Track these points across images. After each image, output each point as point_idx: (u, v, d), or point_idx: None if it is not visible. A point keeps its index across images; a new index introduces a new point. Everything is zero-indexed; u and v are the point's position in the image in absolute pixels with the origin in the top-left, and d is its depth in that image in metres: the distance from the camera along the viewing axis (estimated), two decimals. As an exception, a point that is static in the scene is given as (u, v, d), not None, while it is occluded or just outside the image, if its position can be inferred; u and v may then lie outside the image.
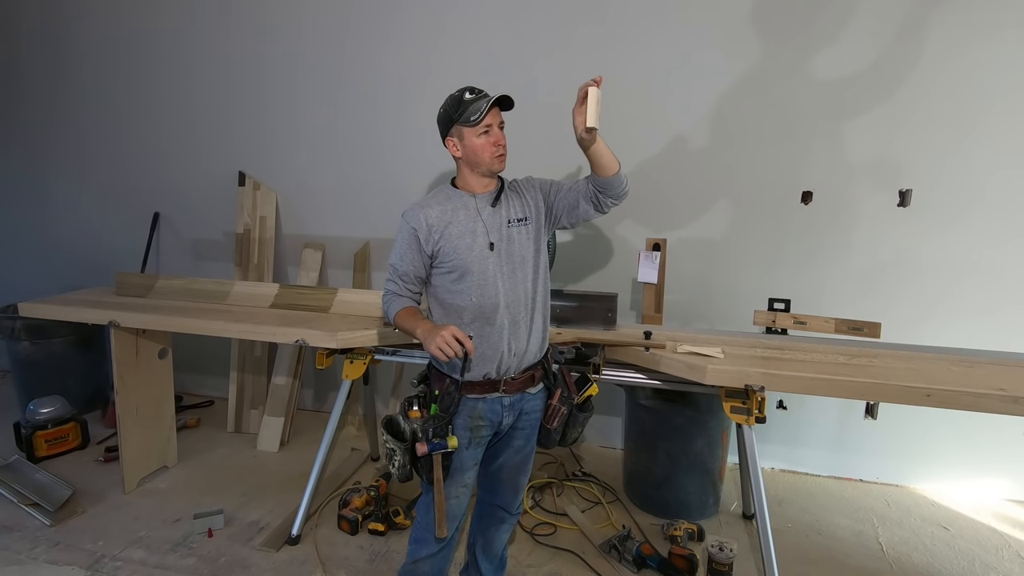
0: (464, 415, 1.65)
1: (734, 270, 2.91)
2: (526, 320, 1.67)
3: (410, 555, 1.79)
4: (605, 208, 1.71)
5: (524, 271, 1.67)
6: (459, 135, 1.62)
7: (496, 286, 1.62)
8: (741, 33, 2.71)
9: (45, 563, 2.25)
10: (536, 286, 1.69)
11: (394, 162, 3.22)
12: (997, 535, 2.51)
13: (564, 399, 1.74)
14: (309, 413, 3.69)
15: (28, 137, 3.91)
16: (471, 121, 1.57)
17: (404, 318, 1.65)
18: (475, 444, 1.68)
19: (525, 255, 1.67)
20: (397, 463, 1.61)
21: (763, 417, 1.90)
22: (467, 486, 1.72)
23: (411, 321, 1.62)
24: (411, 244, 1.65)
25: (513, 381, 1.67)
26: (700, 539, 2.40)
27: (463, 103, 1.59)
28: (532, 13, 2.91)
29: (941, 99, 2.56)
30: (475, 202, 1.66)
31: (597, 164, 1.62)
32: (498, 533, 1.90)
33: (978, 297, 2.66)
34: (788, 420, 2.97)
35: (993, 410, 1.72)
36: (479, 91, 1.61)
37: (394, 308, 1.68)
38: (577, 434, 1.82)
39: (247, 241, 3.46)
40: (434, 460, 1.57)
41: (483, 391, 1.65)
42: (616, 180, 1.64)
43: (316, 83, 3.29)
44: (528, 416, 1.75)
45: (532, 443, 1.80)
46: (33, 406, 3.05)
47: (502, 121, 1.65)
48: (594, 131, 1.52)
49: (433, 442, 1.55)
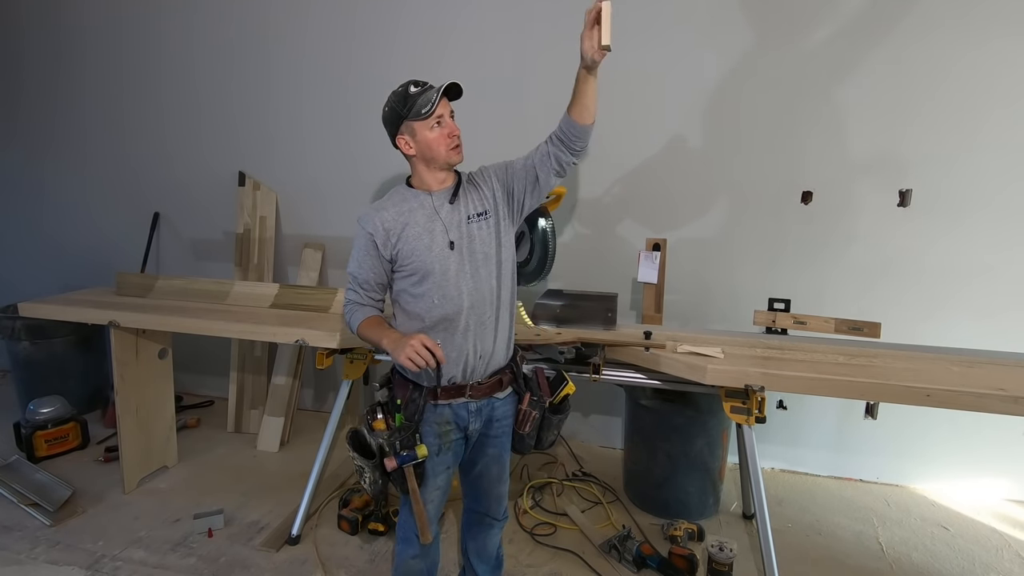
0: (431, 422, 1.61)
1: (734, 270, 2.91)
2: (492, 320, 1.61)
3: (399, 554, 1.78)
4: (566, 170, 1.61)
5: (488, 268, 1.59)
6: (410, 131, 1.55)
7: (459, 286, 1.56)
8: (741, 32, 2.71)
9: (45, 563, 2.25)
10: (501, 283, 1.62)
11: (394, 162, 3.20)
12: (997, 535, 2.51)
13: (535, 403, 1.69)
14: (309, 413, 3.69)
15: (28, 138, 3.91)
16: (422, 114, 1.51)
17: (368, 328, 1.58)
18: (445, 450, 1.63)
19: (488, 251, 1.59)
20: (368, 480, 1.57)
21: (763, 417, 1.90)
22: (440, 488, 1.68)
23: (376, 332, 1.56)
24: (369, 250, 1.59)
25: (479, 386, 1.62)
26: (700, 539, 2.39)
27: (410, 97, 1.53)
28: (533, 11, 2.91)
29: (941, 99, 2.56)
30: (432, 200, 1.59)
31: (582, 105, 1.51)
32: (488, 538, 1.88)
33: (978, 297, 2.65)
34: (788, 420, 2.97)
35: (993, 410, 1.72)
36: (423, 83, 1.55)
37: (357, 318, 1.61)
38: (553, 437, 1.77)
39: (247, 241, 3.46)
40: (407, 472, 1.53)
41: (448, 396, 1.60)
42: (589, 129, 1.55)
43: (316, 83, 3.29)
44: (499, 423, 1.70)
45: (506, 451, 1.75)
46: (33, 406, 3.05)
47: (452, 111, 1.59)
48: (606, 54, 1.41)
49: (402, 455, 1.52)
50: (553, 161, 1.59)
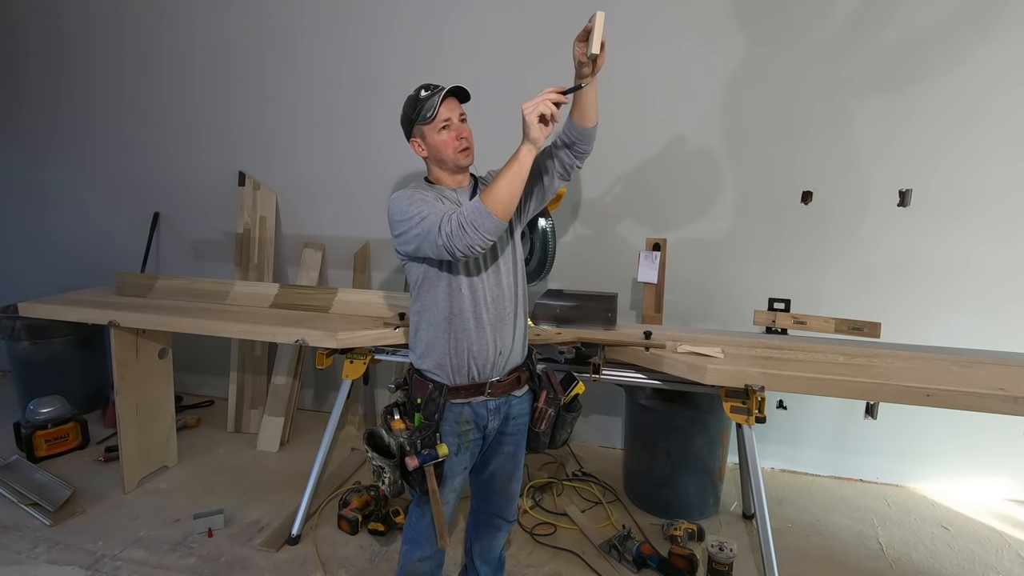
0: (450, 421, 1.61)
1: (734, 270, 2.91)
2: (511, 316, 1.63)
3: (405, 555, 1.77)
4: (570, 173, 1.62)
5: (507, 265, 1.63)
6: (420, 134, 1.58)
7: (483, 281, 1.58)
8: (741, 32, 2.71)
9: (45, 563, 2.25)
10: (517, 281, 1.66)
11: (394, 162, 3.22)
12: (997, 535, 2.51)
13: (551, 401, 1.71)
14: (309, 413, 3.69)
15: (29, 138, 3.91)
16: (427, 118, 1.54)
17: (497, 179, 1.41)
18: (463, 449, 1.64)
19: (506, 249, 1.63)
20: (387, 480, 1.57)
21: (763, 417, 1.90)
22: (456, 491, 1.69)
23: (505, 167, 1.41)
24: (430, 198, 1.53)
25: (499, 384, 1.63)
26: (700, 539, 2.40)
27: (419, 101, 1.56)
28: (532, 11, 2.91)
29: (941, 99, 2.55)
30: (456, 196, 1.62)
31: (581, 109, 1.51)
32: (495, 540, 1.89)
33: (979, 297, 2.65)
34: (788, 420, 2.97)
35: (993, 410, 1.72)
36: (434, 86, 1.57)
37: (474, 202, 1.41)
38: (567, 435, 1.79)
39: (247, 241, 3.46)
40: (427, 472, 1.53)
41: (468, 395, 1.61)
42: (593, 132, 1.56)
43: (317, 83, 3.29)
44: (515, 421, 1.71)
45: (522, 449, 1.77)
46: (33, 406, 3.05)
47: (463, 113, 1.60)
48: (595, 60, 1.40)
49: (423, 454, 1.52)
50: (558, 165, 1.61)
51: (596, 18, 1.38)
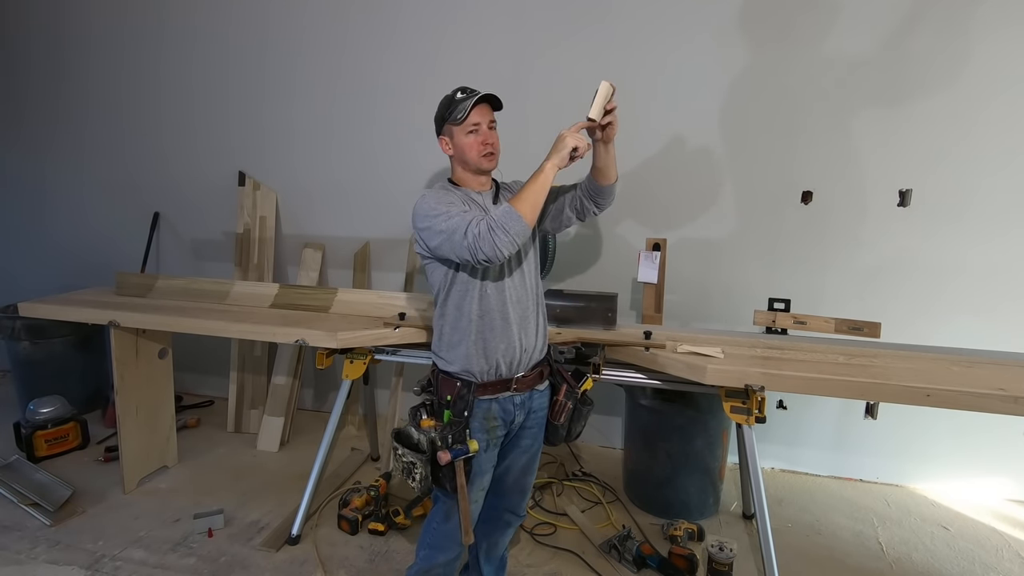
0: (479, 417, 1.64)
1: (734, 270, 2.91)
2: (534, 315, 1.70)
3: (424, 560, 1.76)
4: (585, 217, 1.77)
5: (528, 266, 1.70)
6: (449, 134, 1.64)
7: (512, 282, 1.65)
8: (741, 32, 2.71)
9: (45, 563, 2.25)
10: (536, 280, 1.73)
11: (394, 163, 3.22)
12: (997, 535, 2.51)
13: (569, 394, 1.76)
14: (309, 413, 3.69)
15: (29, 138, 3.91)
16: (458, 120, 1.59)
17: (524, 190, 1.50)
18: (492, 446, 1.68)
19: (527, 250, 1.70)
20: (419, 475, 1.57)
21: (763, 417, 1.90)
22: (484, 489, 1.72)
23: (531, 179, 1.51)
24: (457, 201, 1.57)
25: (524, 379, 1.68)
26: (700, 539, 2.40)
27: (454, 102, 1.61)
28: (532, 12, 2.91)
29: (941, 99, 2.56)
30: (481, 198, 1.68)
31: (598, 168, 1.66)
32: (503, 536, 1.90)
33: (979, 297, 2.65)
34: (788, 420, 2.97)
35: (993, 410, 1.72)
36: (471, 90, 1.62)
37: (505, 208, 1.48)
38: (581, 428, 1.84)
39: (247, 241, 3.46)
40: (457, 467, 1.55)
41: (495, 391, 1.65)
42: (611, 189, 1.71)
43: (317, 84, 3.29)
44: (535, 414, 1.76)
45: (539, 442, 1.81)
46: (33, 406, 3.05)
47: (493, 120, 1.65)
48: (595, 123, 1.53)
49: (455, 448, 1.54)
50: (578, 205, 1.76)
51: (600, 87, 1.50)
